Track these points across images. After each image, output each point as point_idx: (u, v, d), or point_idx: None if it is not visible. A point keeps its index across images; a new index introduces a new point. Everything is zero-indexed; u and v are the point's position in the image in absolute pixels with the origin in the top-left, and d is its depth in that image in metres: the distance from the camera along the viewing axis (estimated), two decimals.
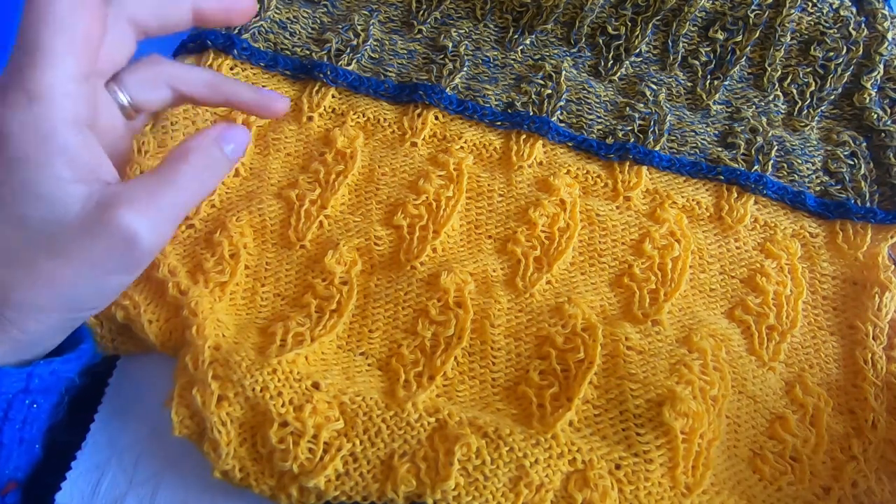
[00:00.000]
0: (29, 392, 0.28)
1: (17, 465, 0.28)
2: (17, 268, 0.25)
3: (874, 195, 0.39)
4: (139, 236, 0.25)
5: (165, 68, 0.30)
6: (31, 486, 0.30)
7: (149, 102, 0.29)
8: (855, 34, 0.41)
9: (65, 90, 0.24)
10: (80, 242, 0.25)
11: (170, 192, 0.27)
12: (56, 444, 0.30)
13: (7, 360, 0.27)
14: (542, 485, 0.28)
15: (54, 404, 0.30)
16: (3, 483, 0.28)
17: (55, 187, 0.24)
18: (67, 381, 0.30)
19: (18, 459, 0.29)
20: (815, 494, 0.31)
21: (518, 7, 0.43)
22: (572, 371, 0.32)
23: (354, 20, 0.42)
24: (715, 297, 0.36)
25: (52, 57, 0.24)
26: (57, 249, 0.25)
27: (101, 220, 0.25)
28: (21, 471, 0.29)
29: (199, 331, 0.30)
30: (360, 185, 0.37)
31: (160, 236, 0.27)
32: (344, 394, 0.30)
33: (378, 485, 0.28)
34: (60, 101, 0.24)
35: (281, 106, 0.33)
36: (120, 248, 0.26)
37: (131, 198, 0.26)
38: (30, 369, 0.27)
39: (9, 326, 0.26)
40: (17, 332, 0.26)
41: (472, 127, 0.40)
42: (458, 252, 0.36)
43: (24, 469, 0.29)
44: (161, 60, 0.30)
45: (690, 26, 0.43)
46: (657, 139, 0.39)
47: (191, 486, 0.30)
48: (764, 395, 0.33)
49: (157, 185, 0.26)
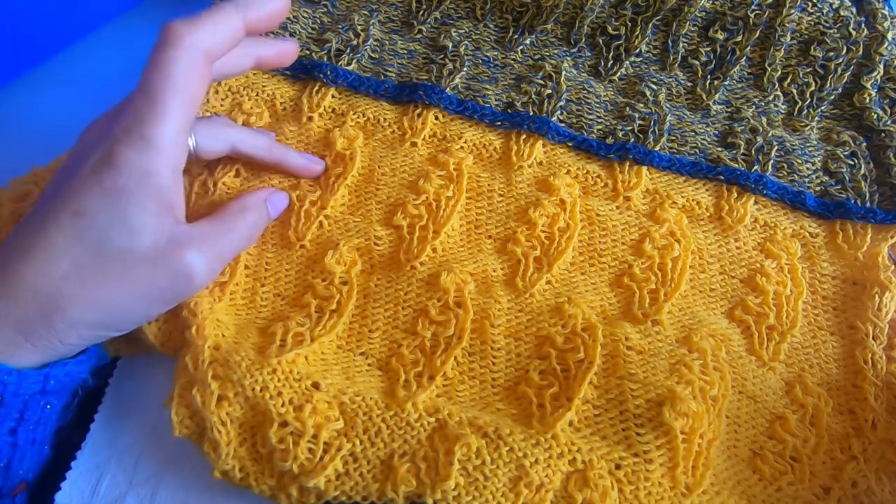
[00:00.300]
0: (45, 393, 0.28)
1: (28, 465, 0.29)
2: (82, 286, 0.27)
3: (874, 195, 0.39)
4: (196, 273, 0.29)
5: (233, 130, 0.34)
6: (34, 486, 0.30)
7: (210, 153, 0.33)
8: (855, 34, 0.41)
9: (176, 141, 0.28)
10: (146, 271, 0.28)
11: (227, 240, 0.31)
12: (58, 444, 0.31)
13: (32, 365, 0.28)
14: (542, 485, 0.28)
15: (65, 405, 0.30)
16: (15, 483, 0.29)
17: (141, 219, 0.28)
18: (80, 382, 0.30)
19: (31, 460, 0.29)
20: (815, 494, 0.31)
21: (518, 7, 0.43)
22: (572, 371, 0.32)
23: (354, 20, 0.42)
24: (715, 297, 0.36)
25: (170, 113, 0.28)
26: (125, 274, 0.28)
27: (170, 255, 0.28)
28: (31, 472, 0.29)
29: (198, 331, 0.30)
30: (359, 185, 0.37)
31: (212, 275, 0.30)
32: (344, 394, 0.30)
33: (378, 485, 0.28)
34: (168, 149, 0.28)
35: (320, 170, 0.37)
36: (177, 281, 0.29)
37: (196, 239, 0.29)
38: (46, 371, 0.28)
39: (53, 336, 0.27)
40: (58, 342, 0.28)
41: (472, 127, 0.40)
42: (458, 252, 0.36)
43: (34, 470, 0.29)
44: (228, 122, 0.34)
45: (690, 26, 0.43)
46: (657, 139, 0.39)
47: (191, 486, 0.30)
48: (764, 395, 0.33)
49: (218, 231, 0.31)
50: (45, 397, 0.28)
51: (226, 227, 0.31)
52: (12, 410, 0.27)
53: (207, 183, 0.35)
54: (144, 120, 0.28)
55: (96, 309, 0.27)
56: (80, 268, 0.27)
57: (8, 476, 0.28)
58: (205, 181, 0.35)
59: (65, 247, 0.27)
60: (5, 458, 0.28)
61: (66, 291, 0.27)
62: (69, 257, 0.27)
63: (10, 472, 0.28)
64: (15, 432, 0.28)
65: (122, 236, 0.27)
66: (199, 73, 0.29)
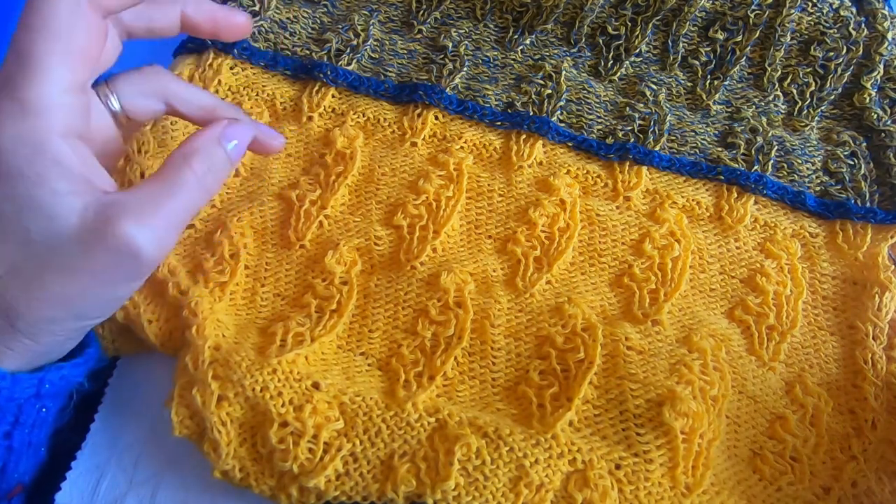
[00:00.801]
0: (40, 397, 0.28)
1: (24, 468, 0.29)
2: (23, 283, 0.25)
3: (874, 195, 0.39)
4: (142, 247, 0.25)
5: (165, 82, 0.29)
6: (32, 487, 0.30)
7: (140, 113, 0.29)
8: (855, 34, 0.41)
9: (58, 102, 0.24)
10: (82, 256, 0.25)
11: (172, 198, 0.26)
12: (56, 445, 0.30)
13: (20, 367, 0.27)
14: (542, 485, 0.28)
15: (61, 408, 0.30)
16: (11, 486, 0.28)
17: (51, 201, 0.24)
18: (76, 385, 0.30)
19: (27, 463, 0.29)
20: (815, 494, 0.31)
21: (518, 7, 0.43)
22: (572, 371, 0.32)
23: (354, 20, 0.42)
24: (715, 297, 0.36)
25: (47, 68, 0.24)
26: (61, 263, 0.25)
27: (101, 233, 0.24)
28: (28, 474, 0.29)
29: (199, 331, 0.30)
30: (360, 185, 0.37)
31: (163, 245, 0.26)
32: (344, 394, 0.30)
33: (378, 485, 0.28)
34: (53, 114, 0.24)
35: (277, 144, 0.32)
36: (123, 260, 0.25)
37: (132, 207, 0.25)
38: (41, 375, 0.27)
39: (21, 337, 0.26)
40: (31, 343, 0.26)
41: (472, 127, 0.40)
42: (458, 252, 0.36)
43: (31, 472, 0.29)
44: (161, 73, 0.29)
45: (690, 26, 0.43)
46: (657, 139, 0.39)
47: (191, 486, 0.30)
48: (764, 395, 0.33)
49: (160, 192, 0.26)
50: (41, 401, 0.28)
51: (169, 183, 0.26)
52: (7, 414, 0.27)
53: None
54: (15, 80, 0.23)
55: (50, 304, 0.25)
56: (14, 266, 0.25)
57: (3, 479, 0.28)
58: None
59: None
60: (0, 461, 0.28)
61: (10, 292, 0.25)
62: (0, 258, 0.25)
63: (6, 476, 0.28)
64: (10, 436, 0.27)
65: (40, 224, 0.24)
66: (86, 23, 0.24)
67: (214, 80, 0.38)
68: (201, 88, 0.31)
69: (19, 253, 0.24)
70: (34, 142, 0.24)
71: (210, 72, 0.38)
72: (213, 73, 0.38)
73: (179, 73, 0.38)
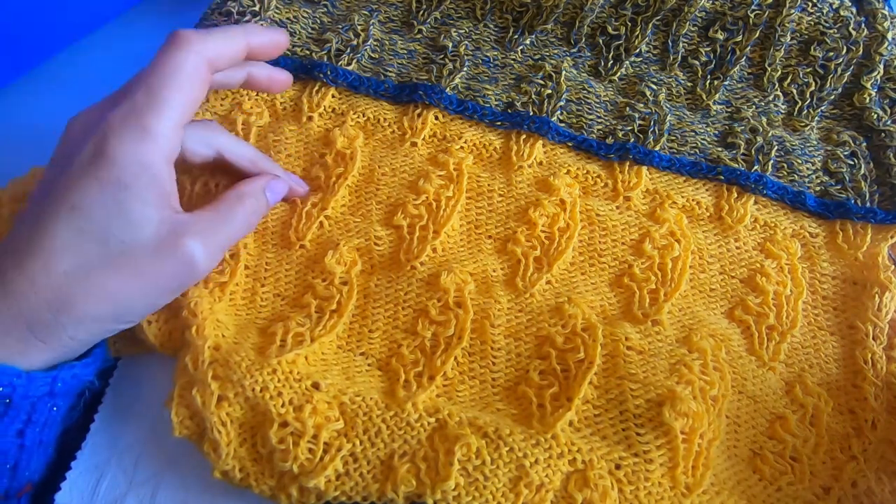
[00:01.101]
0: (52, 395, 0.28)
1: (35, 467, 0.29)
2: (85, 281, 0.27)
3: (874, 195, 0.39)
4: (199, 261, 0.29)
5: (220, 136, 0.34)
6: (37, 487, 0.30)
7: (195, 156, 0.33)
8: (855, 34, 0.41)
9: (171, 134, 0.29)
10: (150, 262, 0.28)
11: (226, 227, 0.31)
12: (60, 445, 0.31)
13: (39, 365, 0.28)
14: (542, 485, 0.28)
15: (70, 407, 0.30)
16: (22, 484, 0.29)
17: (141, 211, 0.28)
18: (87, 384, 0.30)
19: (37, 461, 0.29)
20: (815, 494, 0.31)
21: (518, 7, 0.43)
22: (572, 371, 0.32)
23: (354, 20, 0.42)
24: (715, 297, 0.36)
25: (170, 107, 0.29)
26: (127, 266, 0.28)
27: (171, 245, 0.28)
28: (37, 473, 0.29)
29: (198, 331, 0.30)
30: (360, 186, 0.37)
31: (213, 262, 0.31)
32: (344, 394, 0.30)
33: (378, 485, 0.28)
34: (166, 143, 0.29)
35: (303, 192, 0.37)
36: (183, 269, 0.29)
37: (196, 227, 0.29)
38: (54, 373, 0.28)
39: (62, 333, 0.27)
40: (68, 339, 0.28)
41: (472, 127, 0.40)
42: (458, 252, 0.36)
43: (40, 471, 0.30)
44: (218, 127, 0.34)
45: (690, 26, 0.43)
46: (657, 139, 0.39)
47: (191, 486, 0.30)
48: (764, 395, 0.33)
49: (217, 219, 0.31)
50: (53, 399, 0.28)
51: (224, 215, 0.31)
52: (21, 412, 0.27)
53: (209, 184, 0.35)
54: (143, 111, 0.28)
55: (104, 303, 0.28)
56: (85, 263, 0.27)
57: (15, 477, 0.28)
58: (206, 182, 0.35)
59: (66, 243, 0.27)
60: (13, 459, 0.28)
61: (72, 287, 0.27)
62: (72, 253, 0.27)
63: (18, 474, 0.28)
64: (23, 434, 0.28)
65: (124, 229, 0.28)
66: (202, 77, 0.30)
67: None
68: (246, 143, 0.36)
69: (94, 251, 0.27)
70: (147, 162, 0.28)
71: None
72: None
73: None
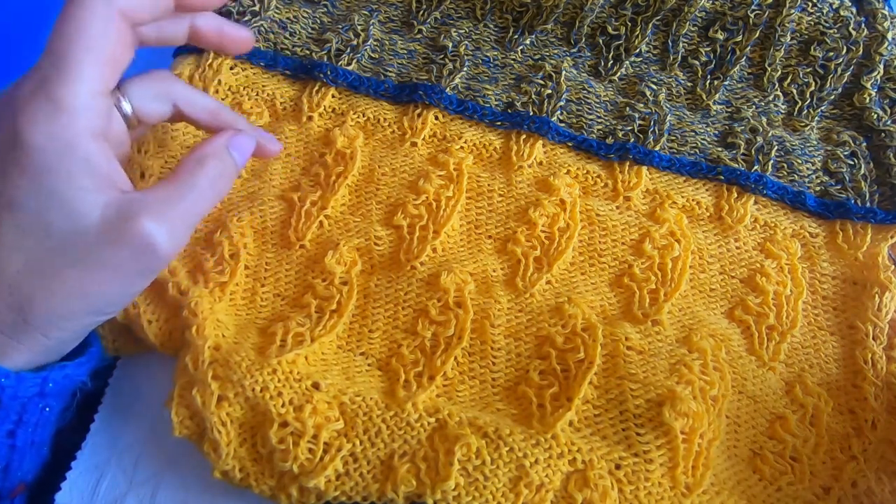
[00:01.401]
0: (43, 396, 0.28)
1: (28, 467, 0.29)
2: (40, 278, 0.26)
3: (874, 195, 0.39)
4: (159, 242, 0.26)
5: (172, 86, 0.30)
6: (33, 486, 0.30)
7: (150, 115, 0.30)
8: (855, 34, 0.41)
9: (89, 103, 0.25)
10: (101, 250, 0.26)
11: (187, 199, 0.28)
12: (57, 445, 0.31)
13: (26, 366, 0.27)
14: (542, 485, 0.28)
15: (64, 407, 0.30)
16: (14, 485, 0.29)
17: (77, 197, 0.25)
18: (79, 384, 0.30)
19: (30, 462, 0.29)
20: (815, 494, 0.31)
21: (518, 7, 0.43)
22: (572, 371, 0.32)
23: (354, 20, 0.42)
24: (715, 297, 0.36)
25: (81, 72, 0.25)
26: (79, 258, 0.26)
27: (122, 229, 0.26)
28: (30, 473, 0.29)
29: (199, 331, 0.30)
30: (360, 186, 0.37)
31: (177, 241, 0.28)
32: (344, 394, 0.30)
33: (378, 485, 0.28)
34: (84, 114, 0.25)
35: (274, 149, 0.34)
36: (140, 255, 0.26)
37: (150, 206, 0.26)
38: (45, 374, 0.28)
39: (33, 332, 0.26)
40: (42, 339, 0.27)
41: (472, 127, 0.40)
42: (458, 252, 0.36)
43: (33, 471, 0.29)
44: (169, 77, 0.31)
45: (690, 26, 0.43)
46: (657, 139, 0.39)
47: (191, 486, 0.30)
48: (764, 395, 0.33)
49: (175, 192, 0.27)
50: (44, 400, 0.28)
51: (183, 184, 0.28)
52: (11, 413, 0.27)
53: None
54: (51, 83, 0.25)
55: (70, 298, 0.26)
56: (34, 260, 0.25)
57: (7, 478, 0.28)
58: None
59: (11, 242, 0.25)
60: (4, 460, 0.28)
61: (27, 286, 0.25)
62: (18, 252, 0.25)
63: (9, 474, 0.28)
64: (13, 434, 0.28)
65: (64, 219, 0.25)
66: (117, 31, 0.26)
67: (214, 79, 0.38)
68: (204, 93, 0.33)
69: (39, 248, 0.25)
70: (66, 140, 0.25)
71: (210, 72, 0.38)
72: (213, 72, 0.38)
73: (180, 73, 0.38)
